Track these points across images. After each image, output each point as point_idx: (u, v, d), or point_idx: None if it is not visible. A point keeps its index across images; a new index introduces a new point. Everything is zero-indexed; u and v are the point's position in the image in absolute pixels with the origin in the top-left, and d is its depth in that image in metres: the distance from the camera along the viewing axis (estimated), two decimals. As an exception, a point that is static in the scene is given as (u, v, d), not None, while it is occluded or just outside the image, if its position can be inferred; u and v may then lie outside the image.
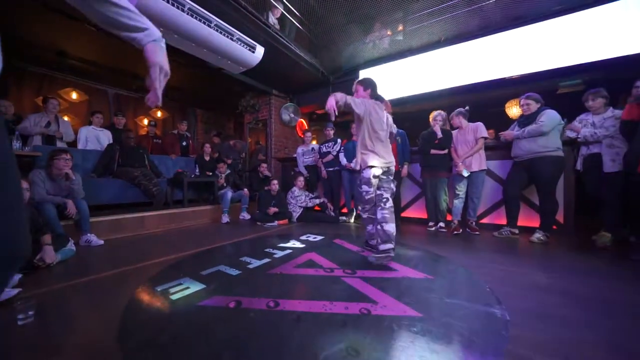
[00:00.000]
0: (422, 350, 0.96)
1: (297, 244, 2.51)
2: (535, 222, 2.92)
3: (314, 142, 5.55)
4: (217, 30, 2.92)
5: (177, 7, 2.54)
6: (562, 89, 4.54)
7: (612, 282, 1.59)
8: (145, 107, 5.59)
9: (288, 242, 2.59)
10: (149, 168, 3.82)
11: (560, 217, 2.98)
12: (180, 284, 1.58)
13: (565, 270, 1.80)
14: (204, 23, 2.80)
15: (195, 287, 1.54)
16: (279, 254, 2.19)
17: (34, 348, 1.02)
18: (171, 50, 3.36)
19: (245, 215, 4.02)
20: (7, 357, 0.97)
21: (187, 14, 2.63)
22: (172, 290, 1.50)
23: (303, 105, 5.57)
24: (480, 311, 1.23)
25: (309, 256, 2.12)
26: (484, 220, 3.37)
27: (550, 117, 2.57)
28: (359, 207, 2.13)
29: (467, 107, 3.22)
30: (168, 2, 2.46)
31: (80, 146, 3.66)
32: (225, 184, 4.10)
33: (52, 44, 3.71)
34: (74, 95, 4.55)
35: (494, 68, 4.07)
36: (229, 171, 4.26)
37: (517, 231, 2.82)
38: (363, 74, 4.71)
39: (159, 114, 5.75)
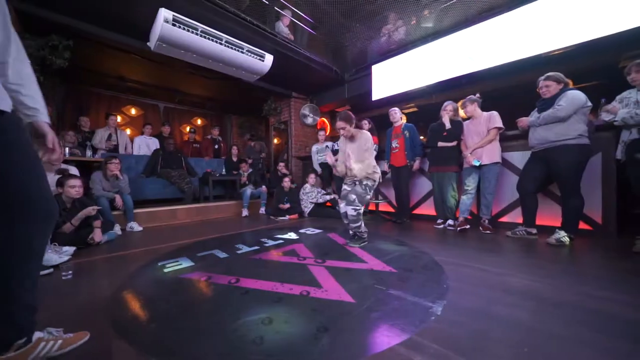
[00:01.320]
0: (320, 326, 1.06)
1: (292, 236, 2.71)
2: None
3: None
4: (228, 46, 3.31)
5: (192, 32, 2.99)
6: (625, 60, 3.72)
7: (612, 293, 1.35)
8: (187, 116, 6.51)
9: (286, 233, 2.81)
10: (185, 169, 4.49)
11: (597, 216, 2.54)
12: (177, 261, 1.94)
13: (562, 276, 1.58)
14: (216, 41, 3.20)
15: (186, 264, 1.87)
16: (270, 243, 2.43)
17: (65, 292, 1.45)
18: (196, 67, 3.98)
19: (264, 210, 4.40)
20: (49, 297, 1.41)
21: (201, 36, 3.06)
22: (168, 265, 1.86)
23: (322, 105, 5.73)
24: (415, 304, 1.24)
25: (294, 247, 2.30)
26: (504, 219, 3.05)
27: (571, 100, 2.23)
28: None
29: (478, 95, 2.97)
30: (184, 29, 2.91)
31: (134, 152, 4.51)
32: (247, 182, 4.55)
33: (113, 70, 4.66)
34: (133, 111, 5.60)
35: (531, 43, 3.55)
36: (250, 170, 4.70)
37: (534, 231, 2.51)
38: (376, 69, 4.65)
39: (199, 121, 6.62)
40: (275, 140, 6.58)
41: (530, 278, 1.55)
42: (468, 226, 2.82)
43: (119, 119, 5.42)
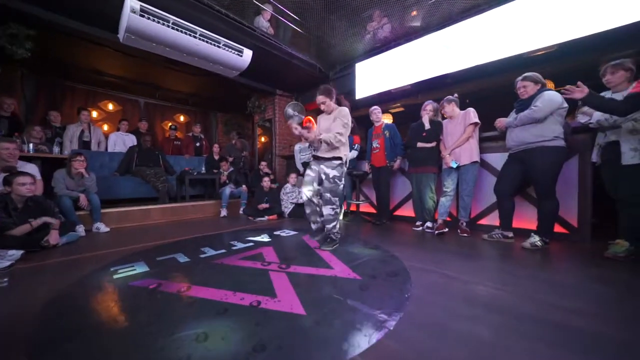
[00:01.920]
0: (258, 344, 0.97)
1: (265, 238, 2.61)
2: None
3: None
4: (203, 40, 3.17)
5: (162, 24, 2.84)
6: (603, 63, 3.72)
7: (581, 303, 1.29)
8: (169, 113, 6.31)
9: (259, 235, 2.71)
10: (162, 167, 4.33)
11: (573, 220, 2.51)
12: (132, 266, 1.82)
13: (531, 284, 1.52)
14: (190, 35, 3.06)
15: (140, 269, 1.75)
16: (239, 246, 2.32)
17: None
18: (175, 62, 3.82)
19: (243, 210, 4.27)
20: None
21: (172, 28, 2.92)
22: (121, 270, 1.73)
23: (307, 103, 5.61)
24: (368, 317, 1.16)
25: (262, 250, 2.20)
26: (483, 221, 3.01)
27: (548, 100, 2.18)
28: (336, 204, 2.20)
29: (455, 95, 2.91)
30: (153, 20, 2.77)
31: (109, 149, 4.33)
32: (227, 181, 4.41)
33: (89, 63, 4.46)
34: (111, 106, 5.39)
35: (511, 43, 3.52)
36: (231, 169, 4.57)
37: (510, 234, 2.47)
38: (359, 67, 4.57)
39: (182, 118, 6.43)
40: (263, 139, 6.44)
41: (496, 286, 1.48)
42: (446, 229, 2.77)
43: (94, 114, 5.21)
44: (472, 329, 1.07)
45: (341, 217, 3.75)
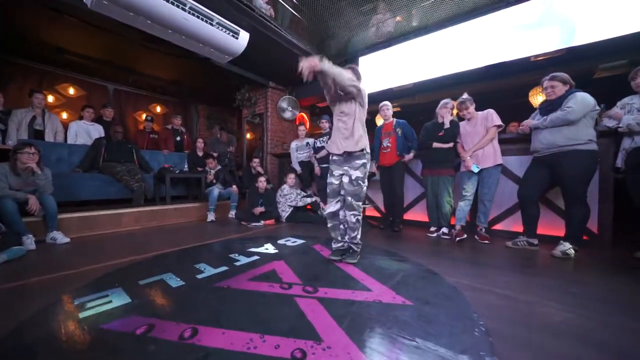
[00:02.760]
0: None
1: (270, 249, 2.22)
2: (560, 231, 2.41)
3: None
4: (192, 14, 2.69)
5: (144, -13, 2.33)
6: (600, 71, 3.85)
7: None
8: (144, 102, 5.57)
9: (261, 246, 2.31)
10: (137, 163, 3.72)
11: (593, 226, 2.45)
12: (106, 295, 1.36)
13: (591, 301, 1.35)
14: (177, 6, 2.57)
15: (118, 301, 1.30)
16: (243, 260, 1.92)
17: None
18: (154, 40, 3.25)
19: (234, 214, 3.81)
20: None
21: (156, -6, 2.41)
22: (90, 304, 1.27)
23: (302, 98, 5.25)
24: (460, 365, 0.87)
25: (273, 265, 1.83)
26: (497, 227, 2.89)
27: (581, 102, 2.06)
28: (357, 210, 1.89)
29: (464, 94, 2.75)
30: (133, -19, 2.25)
31: (69, 141, 3.62)
32: (214, 181, 3.91)
33: (47, 39, 3.70)
34: (72, 91, 4.58)
35: (516, 46, 3.48)
36: (219, 167, 4.07)
37: (535, 242, 2.34)
38: (363, 60, 4.31)
39: (159, 109, 5.71)
40: (248, 135, 5.93)
41: (564, 308, 1.27)
42: (465, 235, 2.58)
43: (50, 98, 4.38)
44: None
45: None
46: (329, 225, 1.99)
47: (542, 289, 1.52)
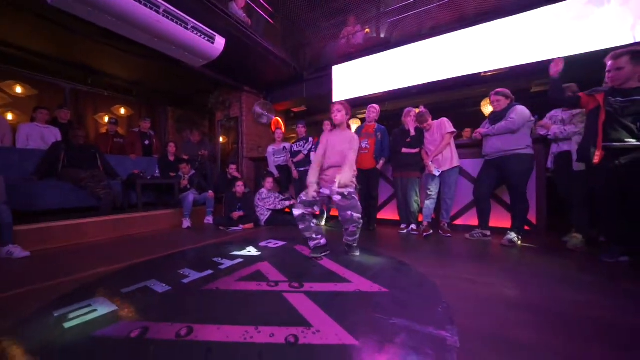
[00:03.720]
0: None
1: (253, 252, 2.28)
2: (508, 223, 2.81)
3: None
4: (167, 17, 2.66)
5: (115, -12, 2.27)
6: (535, 87, 4.53)
7: (584, 293, 1.45)
8: (106, 103, 5.20)
9: (244, 249, 2.36)
10: (101, 169, 3.49)
11: (532, 217, 2.89)
12: (89, 305, 1.33)
13: (535, 278, 1.66)
14: (150, 8, 2.53)
15: (103, 309, 1.29)
16: (227, 264, 1.96)
17: None
18: (114, 37, 3.10)
19: (210, 220, 3.75)
20: None
21: (128, -4, 2.36)
22: (72, 315, 1.24)
23: (277, 102, 5.33)
24: (427, 336, 1.05)
25: (258, 267, 1.90)
26: (458, 222, 3.25)
27: (520, 114, 2.46)
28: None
29: (420, 107, 3.09)
30: (103, -19, 2.18)
31: (19, 145, 3.28)
32: (188, 186, 3.81)
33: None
34: (19, 89, 4.12)
35: (469, 63, 3.97)
36: (193, 172, 3.97)
37: (489, 233, 2.71)
38: (336, 70, 4.54)
39: (123, 111, 5.35)
40: (222, 139, 5.83)
41: (512, 285, 1.55)
42: (431, 231, 2.88)
43: (-7, 98, 3.92)
44: (530, 336, 1.06)
45: (323, 223, 3.61)
46: (301, 227, 2.12)
47: (495, 272, 1.80)
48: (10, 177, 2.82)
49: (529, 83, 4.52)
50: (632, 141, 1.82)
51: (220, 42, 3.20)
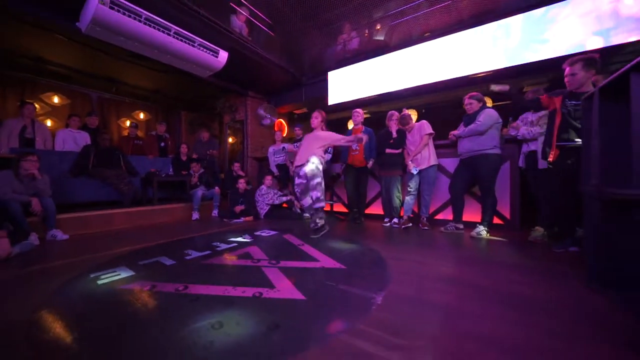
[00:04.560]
0: (271, 324, 1.12)
1: (247, 239, 2.68)
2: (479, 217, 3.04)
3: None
4: (177, 38, 3.09)
5: (134, 18, 2.72)
6: (527, 87, 4.62)
7: (513, 274, 1.69)
8: (127, 109, 5.81)
9: (240, 236, 2.76)
10: (124, 168, 4.02)
11: (506, 212, 3.10)
12: (115, 271, 1.76)
13: (481, 264, 1.91)
14: (163, 31, 2.97)
15: (125, 274, 1.72)
16: (223, 247, 2.36)
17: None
18: (138, 57, 3.62)
19: (216, 213, 4.21)
20: None
21: (145, 23, 2.80)
22: (104, 276, 1.67)
23: (280, 106, 5.72)
24: (359, 296, 1.38)
25: (249, 249, 2.29)
26: (439, 216, 3.49)
27: (488, 117, 2.69)
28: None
29: (404, 110, 3.34)
30: (124, 14, 2.63)
31: (57, 148, 3.87)
32: (198, 183, 4.29)
33: (29, 50, 3.93)
34: (56, 99, 4.77)
35: (460, 66, 4.16)
36: (202, 170, 4.44)
37: (461, 226, 2.95)
38: (332, 75, 4.85)
39: (142, 116, 5.97)
40: (230, 139, 6.32)
41: (456, 267, 1.83)
42: (411, 224, 3.16)
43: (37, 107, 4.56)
44: (442, 298, 1.37)
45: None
46: (309, 214, 2.64)
47: (451, 258, 2.07)
48: (52, 176, 3.40)
49: (520, 83, 4.63)
50: (579, 141, 2.02)
51: (223, 55, 3.61)
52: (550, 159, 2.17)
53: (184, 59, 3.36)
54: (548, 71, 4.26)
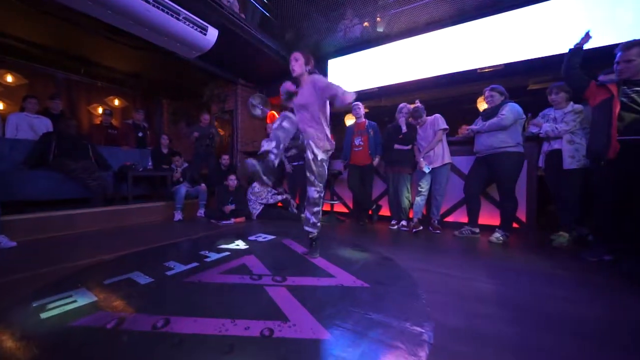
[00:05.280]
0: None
1: (241, 245, 2.29)
2: (498, 221, 2.82)
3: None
4: (157, 7, 2.61)
5: (102, -25, 2.22)
6: (532, 84, 4.50)
7: (561, 291, 1.46)
8: (100, 94, 5.14)
9: (232, 242, 2.36)
10: (93, 160, 3.47)
11: (522, 215, 2.90)
12: (70, 296, 1.33)
13: (515, 276, 1.67)
14: (140, -3, 2.48)
15: (83, 300, 1.29)
16: (213, 257, 1.97)
17: None
18: (115, 31, 3.08)
19: (202, 213, 3.75)
20: None
21: (116, -16, 2.31)
22: (51, 305, 1.24)
23: (273, 96, 5.27)
24: (402, 331, 1.06)
25: (244, 260, 1.91)
26: (449, 219, 3.26)
27: (512, 111, 2.44)
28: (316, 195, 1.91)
29: (416, 102, 3.07)
30: (89, -32, 2.13)
31: (8, 135, 3.25)
32: (181, 179, 3.80)
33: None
34: (10, 79, 4.07)
35: (466, 59, 3.93)
36: (186, 164, 3.96)
37: (477, 230, 2.72)
38: (332, 63, 4.50)
39: (117, 102, 5.30)
40: (221, 132, 5.80)
41: (492, 281, 1.57)
42: (421, 227, 2.89)
43: (-19, 86, 3.87)
44: (497, 327, 1.08)
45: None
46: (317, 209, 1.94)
47: (478, 268, 1.81)
48: (0, 167, 2.81)
49: (525, 80, 4.49)
50: None
51: (212, 33, 3.15)
52: (611, 155, 1.79)
53: (166, 35, 2.87)
54: (555, 67, 4.18)
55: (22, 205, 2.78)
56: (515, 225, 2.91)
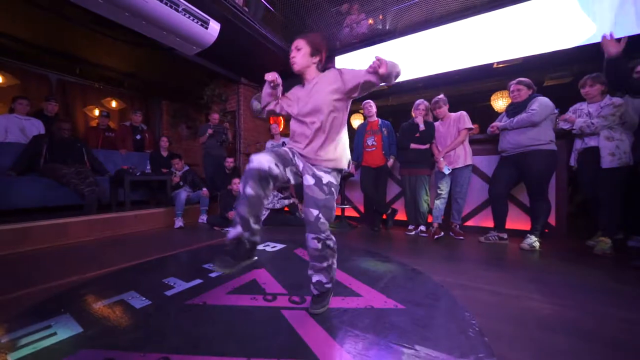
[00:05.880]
0: None
1: (249, 256, 2.06)
2: (525, 225, 2.60)
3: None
4: (155, -3, 2.41)
5: (94, -39, 2.02)
6: (548, 80, 4.30)
7: (630, 313, 1.23)
8: (96, 95, 4.93)
9: (239, 253, 2.13)
10: (88, 165, 3.26)
11: (552, 219, 2.68)
12: (49, 326, 1.11)
13: (568, 292, 1.44)
14: (136, -15, 2.28)
15: (65, 333, 1.07)
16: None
17: None
18: (106, 24, 2.88)
19: (205, 219, 3.53)
20: None
21: (110, -29, 2.11)
22: (23, 341, 1.02)
23: (277, 96, 5.08)
24: (464, 372, 0.83)
25: (254, 274, 1.69)
26: (469, 223, 3.03)
27: (543, 105, 2.23)
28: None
29: (442, 95, 2.85)
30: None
31: (-3, 138, 3.04)
32: (181, 183, 3.59)
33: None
34: (0, 79, 3.87)
35: (479, 54, 3.71)
36: (186, 167, 3.74)
37: (505, 236, 2.49)
38: (339, 60, 4.30)
39: (114, 104, 5.09)
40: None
41: (547, 300, 1.34)
42: (442, 233, 2.67)
43: (-29, 88, 3.67)
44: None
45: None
46: (326, 264, 1.24)
47: (521, 281, 1.59)
48: (-16, 173, 2.60)
49: (542, 76, 4.29)
50: None
51: (214, 27, 2.95)
52: None
53: (164, 28, 2.67)
54: (573, 63, 3.98)
55: (8, 213, 2.56)
56: (545, 230, 2.69)
